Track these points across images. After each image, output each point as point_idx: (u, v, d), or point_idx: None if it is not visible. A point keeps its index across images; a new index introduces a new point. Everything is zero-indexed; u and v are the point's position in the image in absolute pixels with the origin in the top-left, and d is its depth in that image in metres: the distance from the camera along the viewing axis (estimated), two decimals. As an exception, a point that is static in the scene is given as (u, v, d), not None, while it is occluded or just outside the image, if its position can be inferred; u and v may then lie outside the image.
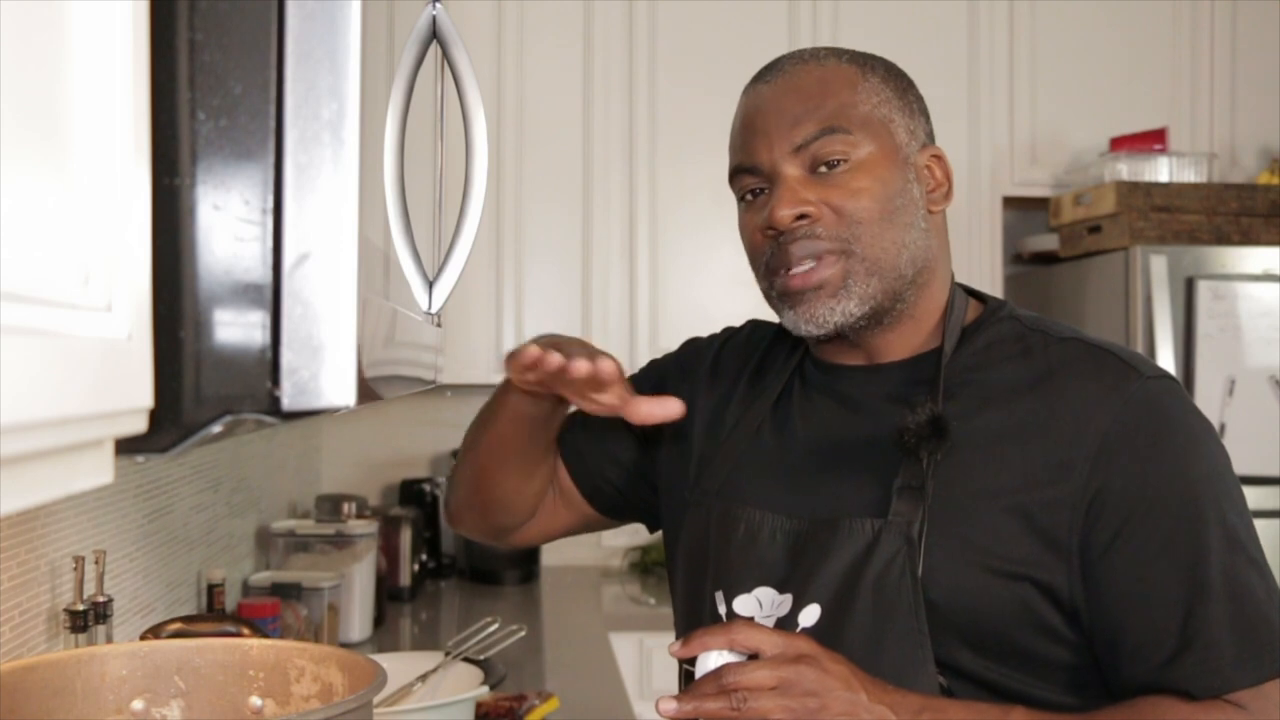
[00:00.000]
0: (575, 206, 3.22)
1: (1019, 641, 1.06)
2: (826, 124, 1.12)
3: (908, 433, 1.08)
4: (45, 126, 0.41)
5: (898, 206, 1.12)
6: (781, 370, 1.25)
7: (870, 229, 1.11)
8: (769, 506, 1.16)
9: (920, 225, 1.14)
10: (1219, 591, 1.03)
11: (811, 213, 1.11)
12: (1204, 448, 1.09)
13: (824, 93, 1.13)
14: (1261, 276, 2.89)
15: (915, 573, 1.06)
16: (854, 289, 1.11)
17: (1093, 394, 1.07)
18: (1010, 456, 1.08)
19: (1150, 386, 1.08)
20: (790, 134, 1.12)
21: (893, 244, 1.12)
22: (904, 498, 1.08)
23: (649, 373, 1.38)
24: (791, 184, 1.12)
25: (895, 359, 1.17)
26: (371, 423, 3.49)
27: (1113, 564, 1.05)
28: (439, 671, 1.77)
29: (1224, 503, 1.06)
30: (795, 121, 1.12)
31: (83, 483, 0.45)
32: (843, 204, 1.11)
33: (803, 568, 1.11)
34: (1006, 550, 1.05)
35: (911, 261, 1.13)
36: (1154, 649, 1.04)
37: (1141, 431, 1.06)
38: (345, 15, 0.57)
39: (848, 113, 1.13)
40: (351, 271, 0.57)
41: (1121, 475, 1.05)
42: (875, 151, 1.12)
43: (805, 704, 0.98)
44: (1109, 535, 1.04)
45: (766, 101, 1.15)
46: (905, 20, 3.25)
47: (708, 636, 1.02)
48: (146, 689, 1.08)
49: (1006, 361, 1.13)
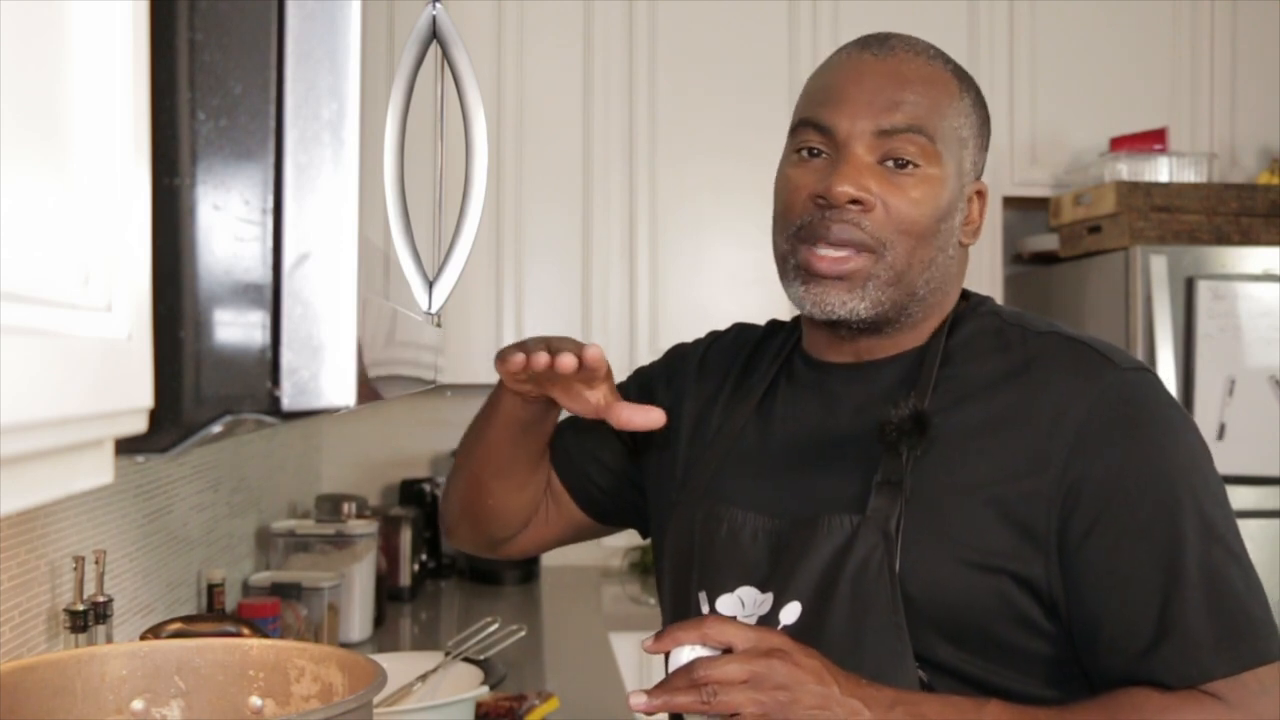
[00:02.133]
0: (575, 206, 3.22)
1: (998, 634, 1.06)
2: (917, 122, 1.10)
3: (889, 427, 1.08)
4: (45, 126, 0.41)
5: (939, 230, 1.12)
6: (767, 370, 1.25)
7: (908, 240, 1.10)
8: (751, 506, 1.16)
9: (949, 252, 1.15)
10: (1195, 581, 1.03)
11: (869, 200, 1.09)
12: (1181, 439, 1.09)
13: (925, 90, 1.12)
14: (1261, 276, 2.88)
15: (893, 568, 1.06)
16: (870, 292, 1.11)
17: (1069, 386, 1.08)
18: (988, 449, 1.08)
19: (1127, 378, 1.08)
20: (880, 115, 1.10)
21: (920, 261, 1.12)
22: (882, 493, 1.08)
23: (636, 379, 1.38)
24: (859, 164, 1.10)
25: (883, 357, 1.17)
26: (371, 423, 3.49)
27: (1089, 555, 1.05)
28: (439, 671, 1.77)
29: (1201, 494, 1.06)
30: (890, 105, 1.11)
31: (83, 483, 0.45)
32: (898, 206, 1.10)
33: (783, 566, 1.11)
34: (984, 543, 1.05)
35: (929, 283, 1.13)
36: (1131, 639, 1.04)
37: (1117, 423, 1.06)
38: (345, 15, 0.57)
39: (938, 121, 1.12)
40: (351, 271, 0.57)
41: (1098, 466, 1.05)
42: (943, 169, 1.12)
43: (776, 697, 0.98)
44: (1085, 526, 1.05)
45: (867, 72, 1.13)
46: (905, 20, 3.24)
47: (680, 631, 1.02)
48: (146, 689, 1.08)
49: (985, 356, 1.13)
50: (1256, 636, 1.03)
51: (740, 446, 1.22)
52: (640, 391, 1.33)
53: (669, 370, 1.35)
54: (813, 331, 1.22)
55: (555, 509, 1.37)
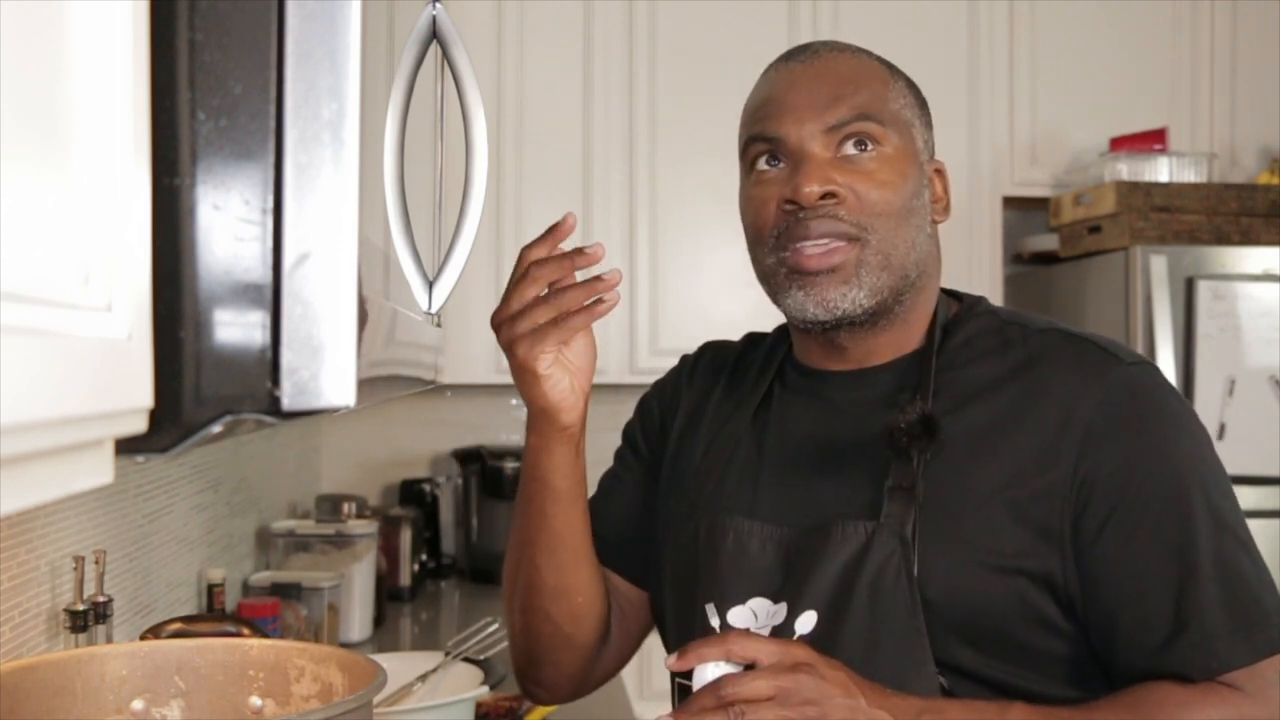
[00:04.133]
0: (575, 207, 3.22)
1: (1017, 636, 1.06)
2: (861, 110, 1.12)
3: (898, 432, 1.08)
4: (45, 126, 0.41)
5: (913, 207, 1.13)
6: (758, 380, 1.24)
7: (887, 222, 1.11)
8: (757, 515, 1.15)
9: (926, 230, 1.15)
10: (1209, 573, 1.04)
11: (839, 192, 1.10)
12: (1187, 431, 1.09)
13: (860, 81, 1.14)
14: (1261, 276, 2.89)
15: (911, 573, 1.05)
16: (865, 279, 1.10)
17: (1074, 382, 1.08)
18: (997, 450, 1.08)
19: (1131, 372, 1.09)
20: (824, 114, 1.12)
21: (904, 241, 1.12)
22: (895, 498, 1.07)
23: (640, 412, 1.36)
24: (819, 162, 1.11)
25: (880, 363, 1.17)
26: (371, 423, 3.49)
27: (1103, 551, 1.05)
28: (439, 671, 1.77)
29: (1210, 485, 1.07)
30: (830, 103, 1.12)
31: (83, 483, 0.45)
32: (867, 191, 1.11)
33: (796, 575, 1.10)
34: (1000, 544, 1.06)
35: (917, 264, 1.14)
36: (1148, 633, 1.04)
37: (1124, 417, 1.07)
38: (345, 15, 0.57)
39: (880, 105, 1.13)
40: (351, 271, 0.57)
41: (1107, 461, 1.05)
42: (900, 148, 1.13)
43: (805, 712, 0.97)
44: (1098, 522, 1.05)
45: (800, 79, 1.14)
46: (905, 20, 3.25)
47: (704, 648, 1.01)
48: (146, 689, 1.08)
49: (986, 356, 1.14)
50: (1269, 625, 1.04)
51: (739, 456, 1.21)
52: (643, 425, 1.33)
53: (660, 399, 1.34)
54: (804, 340, 1.21)
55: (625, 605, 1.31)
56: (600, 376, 3.67)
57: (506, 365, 1.14)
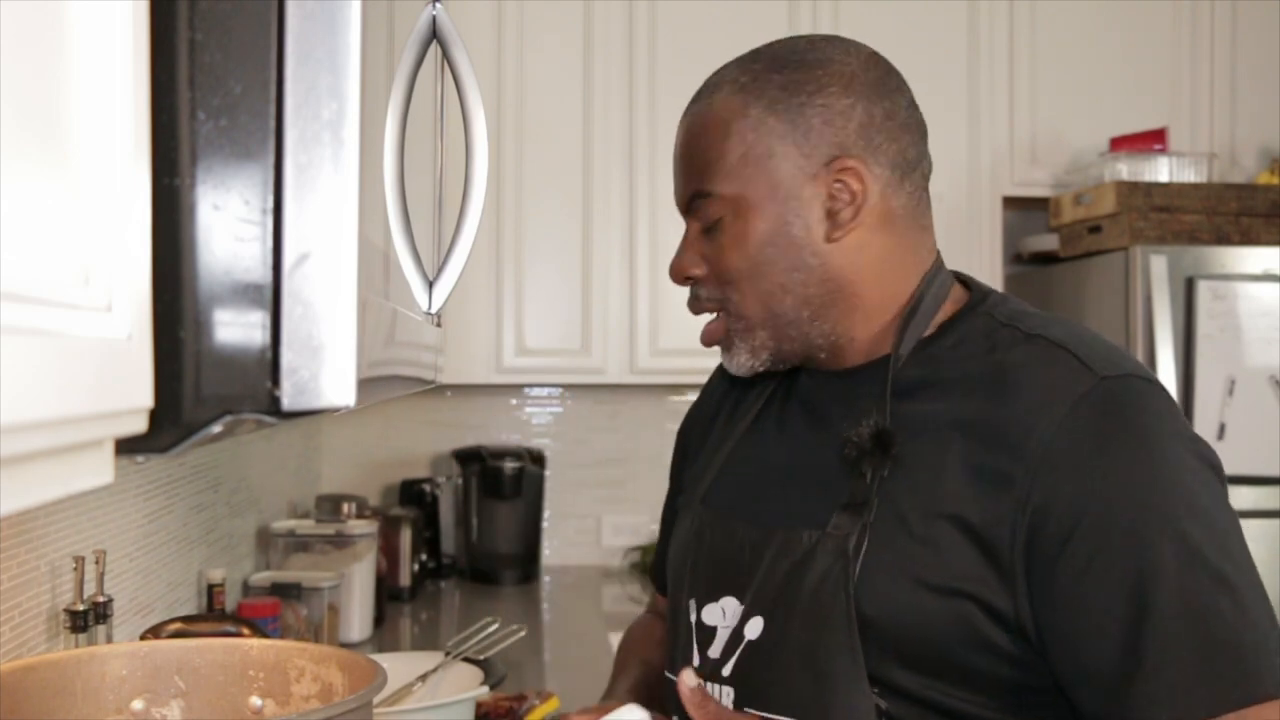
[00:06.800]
0: (575, 206, 3.22)
1: (958, 658, 1.00)
2: (693, 188, 1.12)
3: (850, 446, 1.04)
4: (45, 126, 0.41)
5: (767, 257, 1.08)
6: (764, 380, 1.23)
7: (740, 287, 1.11)
8: (741, 515, 1.15)
9: (809, 261, 1.08)
10: (1169, 613, 0.93)
11: (697, 275, 1.14)
12: (1160, 454, 0.98)
13: (694, 149, 1.13)
14: (1261, 276, 2.89)
15: (848, 588, 1.02)
16: (741, 345, 1.13)
17: (1038, 399, 1.00)
18: (954, 467, 1.01)
19: (1106, 388, 0.99)
20: (679, 193, 1.15)
21: (767, 295, 1.09)
22: (846, 511, 1.05)
23: (677, 442, 1.39)
24: (687, 242, 1.14)
25: (861, 363, 1.13)
26: (371, 423, 3.49)
27: (1057, 587, 0.97)
28: (439, 671, 1.77)
29: (1184, 515, 0.96)
30: (682, 180, 1.15)
31: (83, 483, 0.45)
32: (717, 261, 1.12)
33: (756, 579, 1.09)
34: (946, 565, 1.00)
35: (805, 302, 1.09)
36: (1102, 678, 0.96)
37: (1085, 440, 0.97)
38: (345, 15, 0.57)
39: (713, 169, 1.10)
40: (351, 271, 0.58)
41: (1065, 489, 0.97)
42: (744, 202, 1.08)
43: None
44: (1052, 552, 0.97)
45: (676, 143, 1.17)
46: (905, 20, 3.25)
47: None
48: (146, 689, 1.08)
49: (968, 360, 1.07)
50: (1246, 673, 0.92)
51: (737, 454, 1.21)
52: (676, 453, 1.37)
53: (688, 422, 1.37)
54: None
55: None
56: (600, 376, 3.67)
57: (506, 365, 1.15)
